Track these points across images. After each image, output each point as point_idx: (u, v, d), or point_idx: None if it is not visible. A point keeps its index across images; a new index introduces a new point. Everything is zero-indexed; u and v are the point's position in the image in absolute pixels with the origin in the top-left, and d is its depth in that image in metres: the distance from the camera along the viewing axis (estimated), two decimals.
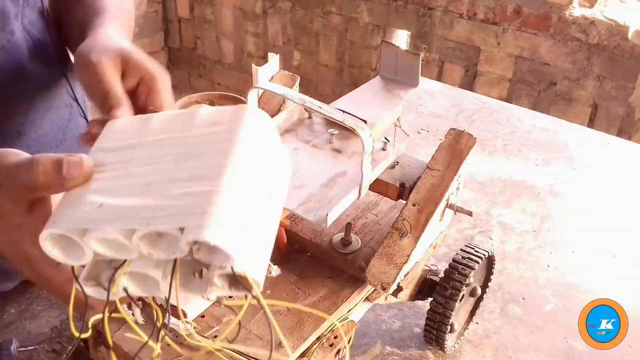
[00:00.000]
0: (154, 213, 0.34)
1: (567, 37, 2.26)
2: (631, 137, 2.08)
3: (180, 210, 0.33)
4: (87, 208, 0.35)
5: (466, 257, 0.71)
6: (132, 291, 0.37)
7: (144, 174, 0.37)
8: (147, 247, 0.34)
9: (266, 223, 0.38)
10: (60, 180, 0.37)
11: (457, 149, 0.64)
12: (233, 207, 0.34)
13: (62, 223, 0.35)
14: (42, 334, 0.74)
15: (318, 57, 2.97)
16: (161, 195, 0.35)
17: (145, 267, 0.35)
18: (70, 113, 0.78)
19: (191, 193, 0.34)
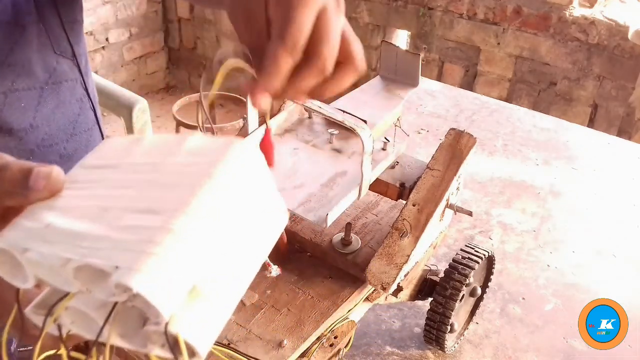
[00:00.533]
0: (95, 244, 0.30)
1: (567, 37, 2.26)
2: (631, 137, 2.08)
3: (121, 246, 0.30)
4: (35, 225, 0.32)
5: (466, 257, 0.71)
6: (75, 329, 0.33)
7: (105, 198, 0.33)
8: (85, 282, 0.30)
9: (228, 278, 0.33)
10: (24, 191, 0.34)
11: (457, 149, 0.64)
12: (181, 253, 0.30)
13: (7, 237, 0.32)
14: None
15: None
16: (111, 224, 0.31)
17: (86, 305, 0.31)
18: (80, 107, 0.78)
19: (140, 227, 0.30)
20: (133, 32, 3.35)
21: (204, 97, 0.50)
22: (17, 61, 0.66)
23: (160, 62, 3.59)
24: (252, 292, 0.57)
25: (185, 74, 3.61)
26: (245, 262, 0.34)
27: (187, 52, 3.51)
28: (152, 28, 3.44)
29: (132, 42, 3.37)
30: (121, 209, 0.32)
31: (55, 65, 0.72)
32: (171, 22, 3.47)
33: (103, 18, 3.16)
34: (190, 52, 3.50)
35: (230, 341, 0.52)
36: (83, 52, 0.78)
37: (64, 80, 0.74)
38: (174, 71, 3.66)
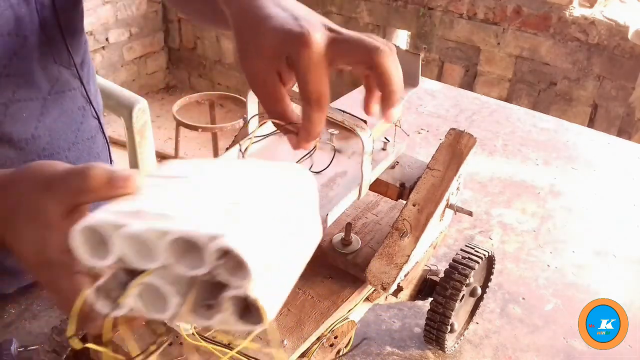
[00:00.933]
0: (188, 221, 0.35)
1: (567, 37, 2.26)
2: (631, 137, 2.08)
3: (212, 223, 0.34)
4: (125, 209, 0.36)
5: (466, 257, 0.71)
6: (137, 308, 0.36)
7: (186, 194, 0.38)
8: (172, 256, 0.35)
9: (288, 264, 0.38)
10: (110, 187, 0.39)
11: (457, 149, 0.64)
12: (262, 232, 0.35)
13: (99, 217, 0.36)
14: (42, 334, 0.74)
15: None
16: (200, 210, 0.36)
17: (161, 282, 0.35)
18: (83, 115, 0.78)
19: (230, 213, 0.36)
20: (133, 32, 3.35)
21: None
22: (16, 72, 0.66)
23: (160, 62, 3.59)
24: None
25: (185, 74, 3.61)
26: (297, 256, 0.40)
27: (187, 52, 3.51)
28: (152, 28, 3.44)
29: (132, 42, 3.37)
30: (203, 200, 0.37)
31: (57, 75, 0.72)
32: (171, 22, 3.47)
33: (103, 18, 3.16)
34: (190, 52, 3.50)
35: (230, 341, 0.52)
36: (85, 60, 0.78)
37: (66, 89, 0.74)
38: (174, 71, 3.66)
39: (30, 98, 0.69)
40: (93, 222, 0.35)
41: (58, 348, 0.53)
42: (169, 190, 0.39)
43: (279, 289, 0.37)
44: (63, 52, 0.72)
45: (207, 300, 0.36)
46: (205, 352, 0.50)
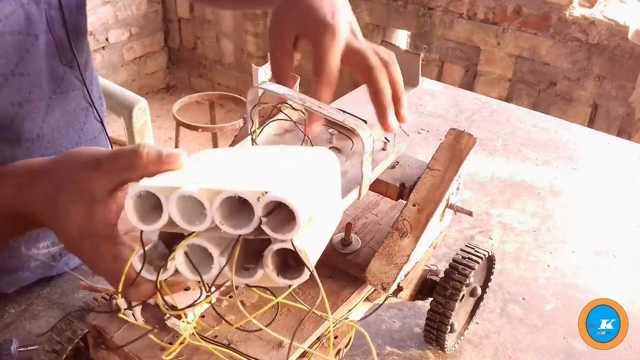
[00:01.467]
0: (238, 182, 0.38)
1: (567, 37, 2.26)
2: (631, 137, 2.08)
3: (265, 181, 0.39)
4: (176, 176, 0.40)
5: (466, 257, 0.71)
6: (182, 270, 0.40)
7: (228, 166, 0.42)
8: (220, 216, 0.38)
9: (325, 222, 0.43)
10: (159, 163, 0.43)
11: (457, 149, 0.64)
12: (306, 191, 0.39)
13: (154, 183, 0.39)
14: (42, 334, 0.74)
15: None
16: (246, 174, 0.40)
17: (207, 242, 0.39)
18: (85, 116, 0.79)
19: (274, 175, 0.40)
20: (133, 32, 3.35)
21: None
22: (28, 71, 0.66)
23: (160, 62, 3.59)
24: (251, 292, 0.57)
25: (185, 74, 3.61)
26: (328, 219, 0.44)
27: (187, 52, 3.51)
28: (152, 28, 3.44)
29: (132, 42, 3.37)
30: (246, 167, 0.42)
31: (62, 75, 0.73)
32: (171, 22, 3.47)
33: (103, 18, 3.16)
34: (190, 52, 3.50)
35: (230, 341, 0.52)
36: (87, 62, 0.78)
37: (70, 90, 0.75)
38: (174, 71, 3.66)
39: (38, 97, 0.69)
40: (149, 187, 0.38)
41: (58, 348, 0.53)
42: (208, 164, 0.44)
43: (316, 245, 0.41)
44: (68, 52, 0.72)
45: (245, 264, 0.40)
46: (205, 352, 0.50)
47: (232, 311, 0.55)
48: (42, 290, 0.82)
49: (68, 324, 0.54)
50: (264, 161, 0.44)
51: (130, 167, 0.44)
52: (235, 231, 0.38)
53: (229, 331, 0.53)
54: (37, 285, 0.83)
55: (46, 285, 0.83)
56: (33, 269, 0.80)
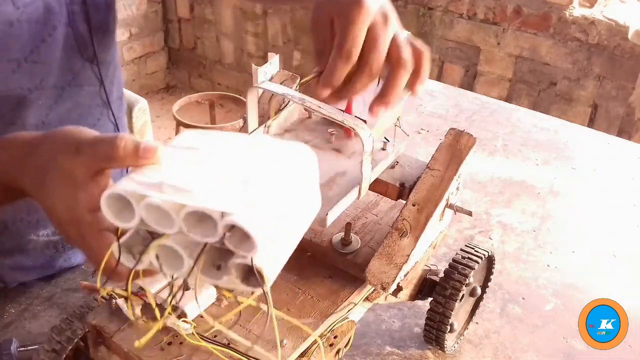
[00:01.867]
0: (204, 197, 0.39)
1: (567, 37, 2.26)
2: (631, 137, 2.08)
3: (228, 200, 0.39)
4: (148, 181, 0.41)
5: (466, 257, 0.71)
6: (155, 264, 0.42)
7: (202, 169, 0.43)
8: (187, 225, 0.39)
9: (289, 235, 0.44)
10: (135, 158, 0.44)
11: (457, 149, 0.64)
12: (269, 213, 0.40)
13: (126, 187, 0.40)
14: (42, 333, 0.74)
15: None
16: (214, 186, 0.41)
17: (177, 244, 0.41)
18: (100, 114, 0.80)
19: (240, 191, 0.40)
20: (133, 32, 3.34)
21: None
22: (43, 59, 0.68)
23: (160, 62, 3.58)
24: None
25: (185, 74, 3.61)
26: (296, 227, 0.45)
27: (187, 52, 3.51)
28: (152, 28, 3.44)
29: (132, 42, 3.37)
30: (217, 176, 0.42)
31: (80, 68, 0.74)
32: (171, 22, 3.46)
33: None
34: (190, 52, 3.49)
35: (230, 341, 0.52)
36: (111, 60, 0.80)
37: (85, 84, 0.76)
38: (174, 71, 3.65)
39: (49, 86, 0.71)
40: (121, 190, 0.40)
41: (58, 348, 0.53)
42: (185, 162, 0.44)
43: (279, 257, 0.43)
44: (89, 47, 0.74)
45: (217, 261, 0.41)
46: (205, 352, 0.50)
47: (232, 310, 0.55)
48: (42, 290, 0.82)
49: (68, 323, 0.54)
50: (240, 163, 0.44)
51: (108, 158, 0.45)
52: (201, 239, 0.40)
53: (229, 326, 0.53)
54: (37, 285, 0.83)
55: (46, 285, 0.83)
56: (32, 254, 0.80)
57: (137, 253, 0.42)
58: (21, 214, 0.76)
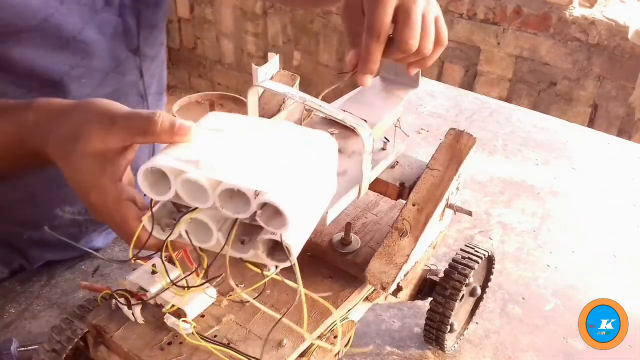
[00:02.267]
0: (239, 175, 0.41)
1: (567, 37, 2.26)
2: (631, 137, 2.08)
3: (261, 179, 0.41)
4: (186, 157, 0.43)
5: (466, 257, 0.71)
6: (185, 236, 0.44)
7: (232, 148, 0.45)
8: (221, 201, 0.41)
9: (312, 219, 0.47)
10: (170, 134, 0.45)
11: (457, 148, 0.64)
12: (298, 192, 0.42)
13: (165, 162, 0.42)
14: (42, 333, 0.74)
15: (318, 57, 2.97)
16: (246, 164, 0.43)
17: (209, 218, 0.43)
18: (136, 104, 0.83)
19: (270, 170, 0.43)
20: None
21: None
22: (87, 40, 0.70)
23: None
24: (251, 292, 0.57)
25: (185, 74, 3.61)
26: (317, 208, 0.48)
27: (187, 52, 3.51)
28: None
29: None
30: (250, 156, 0.44)
31: (124, 58, 0.77)
32: (171, 22, 3.46)
33: None
34: (190, 52, 3.49)
35: (230, 341, 0.52)
36: (156, 56, 0.84)
37: (127, 74, 0.79)
38: (174, 71, 3.65)
39: (93, 68, 0.73)
40: (160, 165, 0.42)
41: (58, 348, 0.53)
42: (215, 141, 0.46)
43: (303, 234, 0.45)
44: (134, 40, 0.77)
45: (242, 237, 0.44)
46: (205, 352, 0.50)
47: (232, 310, 0.55)
48: (42, 290, 0.82)
49: (68, 323, 0.54)
50: (268, 146, 0.46)
51: (144, 132, 0.46)
52: (233, 215, 0.42)
53: (228, 331, 0.53)
54: (37, 285, 0.83)
55: (46, 285, 0.83)
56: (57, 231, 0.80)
57: (164, 225, 0.44)
58: (50, 186, 0.77)
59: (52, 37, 0.67)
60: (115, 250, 0.90)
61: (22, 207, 0.78)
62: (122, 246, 0.90)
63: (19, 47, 0.65)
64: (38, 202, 0.78)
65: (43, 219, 0.80)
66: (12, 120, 0.54)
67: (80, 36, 0.69)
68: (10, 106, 0.55)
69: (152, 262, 0.53)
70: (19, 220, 0.79)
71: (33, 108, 0.53)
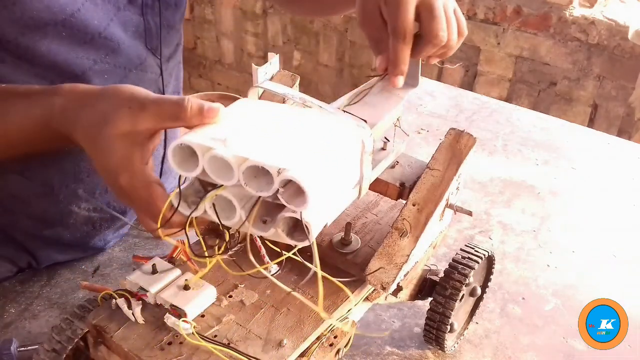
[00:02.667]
0: (265, 152, 0.44)
1: (567, 37, 2.26)
2: (631, 137, 2.08)
3: (287, 157, 0.43)
4: (214, 136, 0.45)
5: (466, 257, 0.71)
6: (210, 212, 0.47)
7: (261, 129, 0.47)
8: (245, 178, 0.43)
9: (334, 204, 0.49)
10: (200, 117, 0.48)
11: (457, 148, 0.64)
12: (322, 173, 0.44)
13: (194, 139, 0.44)
14: (42, 334, 0.74)
15: (318, 57, 2.98)
16: (271, 146, 0.45)
17: (233, 195, 0.45)
18: None
19: (295, 151, 0.45)
20: None
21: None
22: (111, 37, 0.72)
23: None
24: (251, 291, 0.57)
25: (185, 74, 3.60)
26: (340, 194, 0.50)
27: (187, 52, 3.51)
28: None
29: None
30: (275, 137, 0.46)
31: (145, 57, 0.78)
32: None
33: None
34: (190, 52, 3.49)
35: (230, 341, 0.52)
36: (173, 55, 0.85)
37: (149, 72, 0.80)
38: None
39: (116, 65, 0.74)
40: (189, 142, 0.44)
41: (58, 347, 0.53)
42: (243, 124, 0.48)
43: (323, 216, 0.47)
44: (155, 40, 0.78)
45: (264, 217, 0.46)
46: (206, 352, 0.50)
47: (232, 310, 0.55)
48: (42, 290, 0.82)
49: (68, 323, 0.54)
50: (293, 129, 0.48)
51: (175, 117, 0.48)
52: (256, 192, 0.44)
53: (228, 331, 0.53)
54: (37, 285, 0.83)
55: (46, 285, 0.83)
56: (71, 228, 0.82)
57: (190, 203, 0.47)
58: (67, 181, 0.77)
59: (79, 32, 0.68)
60: (115, 250, 0.90)
61: (40, 202, 0.79)
62: (122, 246, 0.90)
63: (44, 40, 0.66)
64: (56, 197, 0.78)
65: (60, 215, 0.80)
66: (38, 105, 0.56)
67: (105, 32, 0.70)
68: (36, 91, 0.57)
69: (152, 262, 0.53)
70: (37, 216, 0.80)
71: (59, 93, 0.55)
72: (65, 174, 0.76)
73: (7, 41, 0.65)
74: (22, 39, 0.65)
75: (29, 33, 0.65)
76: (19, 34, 0.64)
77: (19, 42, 0.65)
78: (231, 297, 0.56)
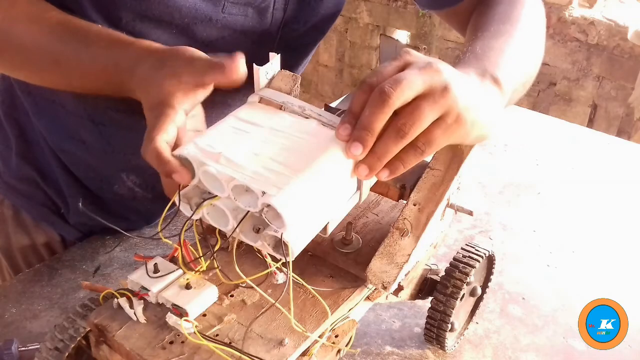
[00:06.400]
0: (251, 174, 0.47)
1: (566, 37, 2.26)
2: (631, 137, 2.09)
3: (269, 181, 0.46)
4: (210, 150, 0.49)
5: (467, 256, 0.71)
6: (206, 217, 0.50)
7: (256, 147, 0.50)
8: (234, 194, 0.47)
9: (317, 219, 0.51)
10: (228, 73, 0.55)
11: (458, 148, 0.64)
12: (303, 195, 0.47)
13: (191, 152, 0.49)
14: (42, 333, 0.74)
15: (318, 57, 2.98)
16: (261, 166, 0.48)
17: (225, 206, 0.49)
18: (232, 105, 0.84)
19: (281, 173, 0.47)
20: None
21: None
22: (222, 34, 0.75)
23: None
24: (253, 291, 0.57)
25: None
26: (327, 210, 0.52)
27: None
28: None
29: None
30: (267, 157, 0.49)
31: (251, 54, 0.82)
32: None
33: None
34: None
35: (231, 340, 0.52)
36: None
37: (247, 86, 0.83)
38: None
39: (232, 34, 0.76)
40: (186, 154, 0.48)
41: (60, 346, 0.53)
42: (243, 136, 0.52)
43: (305, 236, 0.50)
44: (269, 44, 0.79)
45: (257, 225, 0.49)
46: (207, 351, 0.50)
47: (234, 310, 0.55)
48: (42, 290, 0.82)
49: (71, 321, 0.54)
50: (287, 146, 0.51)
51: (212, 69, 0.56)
52: (244, 207, 0.48)
53: (230, 330, 0.53)
54: (38, 284, 0.83)
55: (47, 285, 0.83)
56: (116, 193, 0.86)
57: (193, 204, 0.50)
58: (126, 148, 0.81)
59: (193, 40, 0.72)
60: (116, 250, 0.90)
61: (100, 157, 0.82)
62: (122, 246, 0.90)
63: (157, 30, 0.71)
64: (113, 157, 0.82)
65: (110, 177, 0.84)
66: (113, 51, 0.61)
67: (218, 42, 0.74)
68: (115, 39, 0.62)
69: (153, 262, 0.54)
70: (96, 170, 0.84)
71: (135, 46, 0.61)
72: (125, 140, 0.79)
73: (126, 22, 0.69)
74: (139, 25, 0.70)
75: (147, 22, 0.70)
76: (137, 21, 0.69)
77: (134, 26, 0.69)
78: (232, 297, 0.56)
